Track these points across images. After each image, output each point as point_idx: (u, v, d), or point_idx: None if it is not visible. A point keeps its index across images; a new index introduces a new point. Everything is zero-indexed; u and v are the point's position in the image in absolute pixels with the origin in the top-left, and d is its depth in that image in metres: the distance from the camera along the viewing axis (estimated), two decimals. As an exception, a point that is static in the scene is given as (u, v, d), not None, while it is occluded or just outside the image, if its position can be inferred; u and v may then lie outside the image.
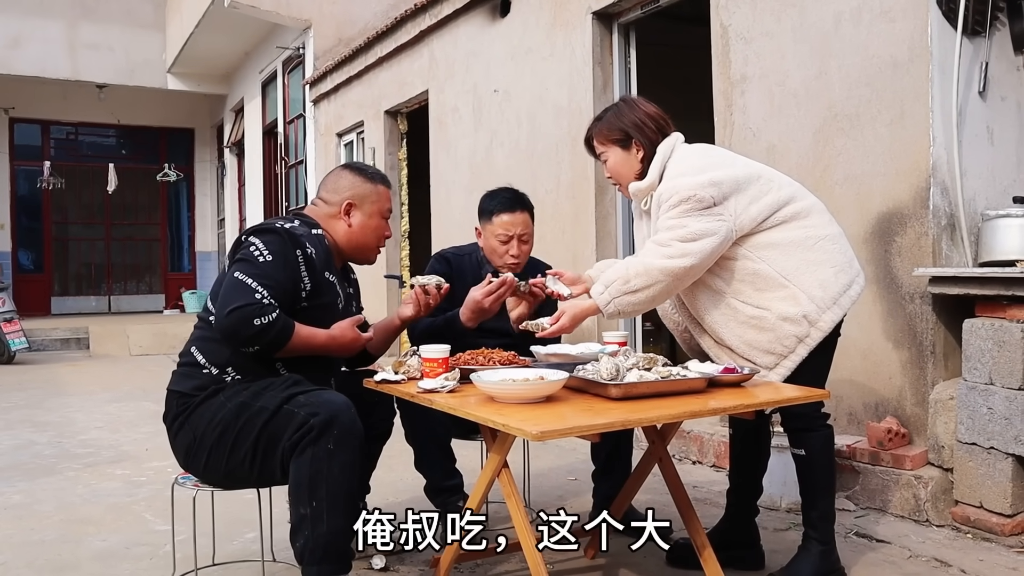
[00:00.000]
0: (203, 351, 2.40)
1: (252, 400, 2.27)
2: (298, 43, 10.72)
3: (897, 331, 3.43)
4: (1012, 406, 2.96)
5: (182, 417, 2.36)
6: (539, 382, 2.13)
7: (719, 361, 2.54)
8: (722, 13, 4.23)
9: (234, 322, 2.24)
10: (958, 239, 3.37)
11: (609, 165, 2.67)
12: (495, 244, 3.09)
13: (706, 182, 2.43)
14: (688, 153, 2.58)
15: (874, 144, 3.50)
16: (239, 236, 2.47)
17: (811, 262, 2.48)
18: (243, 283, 2.29)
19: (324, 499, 2.13)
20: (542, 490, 3.73)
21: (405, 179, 8.55)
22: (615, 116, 2.66)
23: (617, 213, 5.26)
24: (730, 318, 2.51)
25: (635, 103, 2.69)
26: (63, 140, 15.30)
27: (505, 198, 3.13)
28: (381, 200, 2.64)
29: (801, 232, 2.50)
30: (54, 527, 3.41)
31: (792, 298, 2.45)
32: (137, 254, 15.86)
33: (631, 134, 2.61)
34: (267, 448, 2.23)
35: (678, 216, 2.42)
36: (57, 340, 11.40)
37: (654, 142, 2.60)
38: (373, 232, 2.62)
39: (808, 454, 2.54)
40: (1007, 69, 3.57)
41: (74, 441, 5.15)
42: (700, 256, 2.39)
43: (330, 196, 2.62)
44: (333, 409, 2.17)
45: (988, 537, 3.03)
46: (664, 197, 2.48)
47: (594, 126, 2.71)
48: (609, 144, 2.65)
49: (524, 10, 5.94)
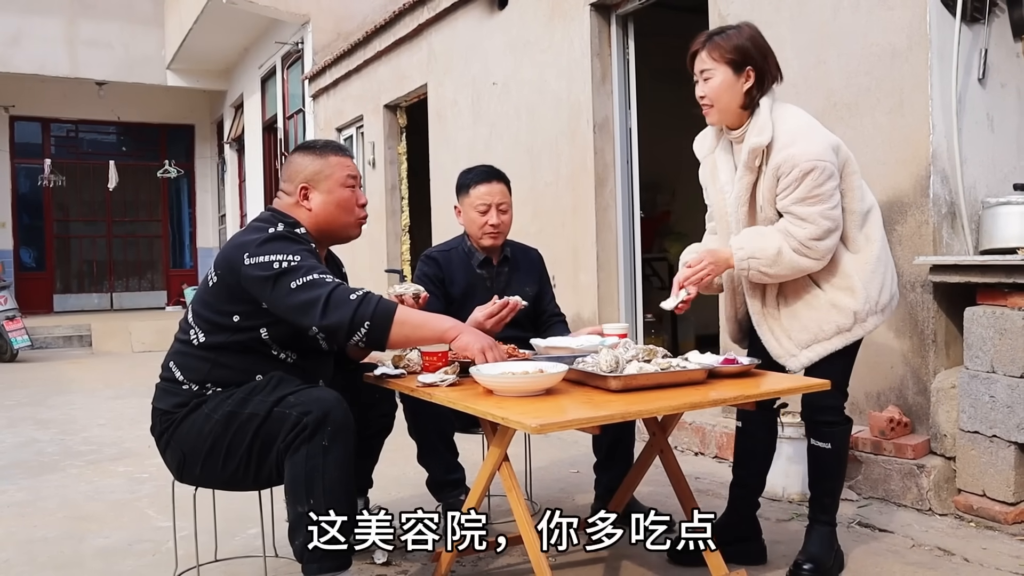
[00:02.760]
0: (181, 367, 2.34)
1: (239, 408, 2.22)
2: (297, 38, 10.71)
3: (898, 320, 3.42)
4: (1014, 394, 2.96)
5: (167, 435, 2.33)
6: (538, 375, 2.13)
7: (759, 329, 2.57)
8: (720, 3, 4.21)
9: (331, 315, 2.16)
10: (959, 227, 3.36)
11: (712, 85, 2.46)
12: (474, 216, 3.09)
13: (826, 145, 2.38)
14: (793, 111, 2.49)
15: (874, 133, 3.49)
16: (229, 259, 2.30)
17: (882, 264, 2.51)
18: (301, 285, 2.19)
19: (321, 496, 2.11)
20: (544, 483, 3.73)
21: (405, 173, 8.54)
22: (737, 34, 2.45)
23: (617, 205, 5.25)
24: (788, 286, 2.52)
25: (756, 30, 2.50)
26: (63, 138, 15.29)
27: (481, 170, 3.17)
28: (336, 170, 2.46)
29: (880, 234, 2.53)
30: (57, 524, 3.42)
31: (851, 291, 2.47)
32: (139, 251, 15.87)
33: (752, 58, 2.43)
34: (262, 452, 2.20)
35: (808, 191, 2.35)
36: (59, 338, 11.42)
37: (772, 78, 2.45)
38: (338, 206, 2.45)
39: (833, 447, 2.56)
40: (1006, 56, 3.55)
41: (77, 438, 5.16)
42: (831, 251, 2.43)
43: (287, 186, 2.47)
44: (325, 406, 2.14)
45: (991, 525, 3.02)
46: (784, 169, 2.38)
47: (706, 40, 2.48)
48: (721, 62, 2.44)
49: (522, 2, 5.92)
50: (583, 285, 5.30)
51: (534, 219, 5.75)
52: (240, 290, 2.27)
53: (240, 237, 2.34)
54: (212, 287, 2.34)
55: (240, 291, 2.28)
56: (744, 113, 2.49)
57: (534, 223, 5.73)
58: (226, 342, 2.31)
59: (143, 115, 15.25)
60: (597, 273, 5.22)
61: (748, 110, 2.48)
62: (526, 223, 5.74)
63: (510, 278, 3.17)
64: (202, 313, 2.35)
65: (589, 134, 5.24)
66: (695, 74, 2.52)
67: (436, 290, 3.06)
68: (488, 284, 3.13)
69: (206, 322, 2.34)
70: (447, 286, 3.10)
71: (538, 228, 5.64)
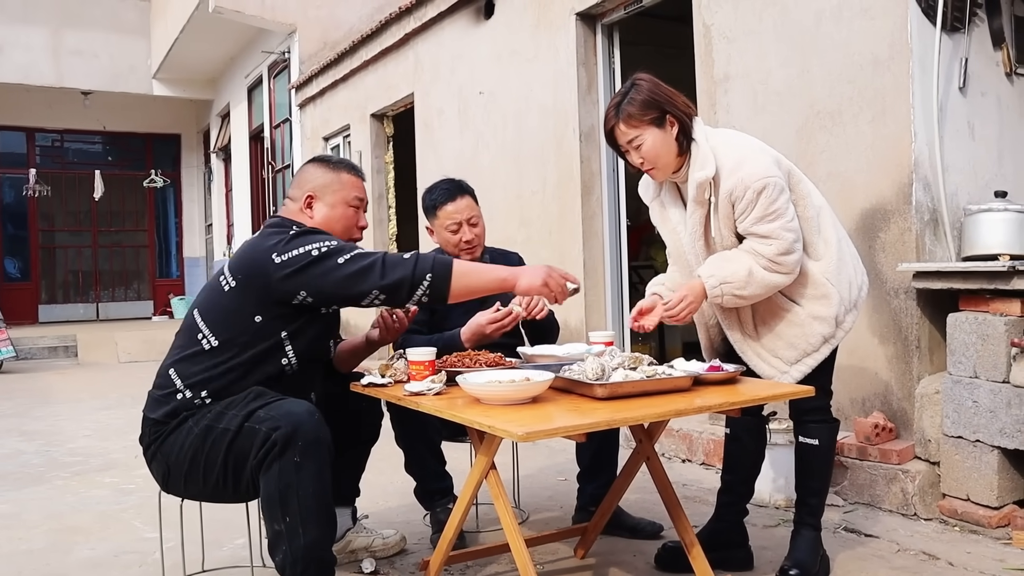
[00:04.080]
0: (181, 373, 2.30)
1: (215, 422, 2.20)
2: (283, 47, 10.71)
3: (882, 326, 3.45)
4: (997, 399, 2.98)
5: (154, 446, 2.31)
6: (525, 383, 2.13)
7: (743, 356, 2.58)
8: (705, 12, 4.24)
9: (393, 273, 2.19)
10: (941, 234, 3.39)
11: (645, 149, 2.46)
12: (447, 236, 3.11)
13: (770, 162, 2.41)
14: (728, 136, 2.52)
15: (856, 141, 3.52)
16: (254, 262, 2.30)
17: (843, 262, 2.53)
18: (349, 258, 2.22)
19: (297, 513, 2.08)
20: (532, 491, 3.73)
21: (392, 182, 8.55)
22: (638, 92, 2.47)
23: (603, 213, 5.27)
24: (763, 308, 2.54)
25: (652, 79, 2.51)
26: (48, 147, 15.23)
27: (444, 189, 3.15)
28: (346, 188, 2.49)
29: (834, 232, 2.54)
30: (42, 536, 3.40)
31: (826, 298, 2.49)
32: (125, 261, 15.80)
33: (665, 109, 2.44)
34: (236, 469, 2.18)
35: (765, 209, 2.37)
36: (45, 348, 11.34)
37: (689, 117, 2.46)
38: (338, 222, 2.47)
39: (820, 444, 2.58)
40: (986, 65, 3.59)
41: (62, 449, 5.13)
42: (799, 263, 2.45)
43: (294, 192, 2.50)
44: (294, 420, 2.10)
45: (975, 529, 3.04)
46: (737, 194, 2.39)
47: (617, 113, 2.47)
48: (644, 125, 2.44)
49: (508, 12, 5.95)
50: (570, 293, 5.31)
51: (521, 227, 5.77)
52: (267, 292, 2.25)
53: (260, 242, 2.32)
54: (230, 291, 2.31)
55: (266, 293, 2.25)
56: (682, 157, 2.50)
57: (521, 231, 5.74)
58: (243, 345, 2.28)
59: (129, 124, 15.21)
60: (583, 281, 5.24)
61: (684, 152, 2.49)
62: (513, 232, 5.76)
63: None
64: (214, 316, 2.32)
65: (575, 143, 5.26)
66: (622, 147, 2.51)
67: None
68: None
69: (219, 324, 2.30)
70: None
71: (525, 236, 5.66)
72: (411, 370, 2.39)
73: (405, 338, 2.95)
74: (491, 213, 5.98)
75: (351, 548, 2.87)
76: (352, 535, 2.88)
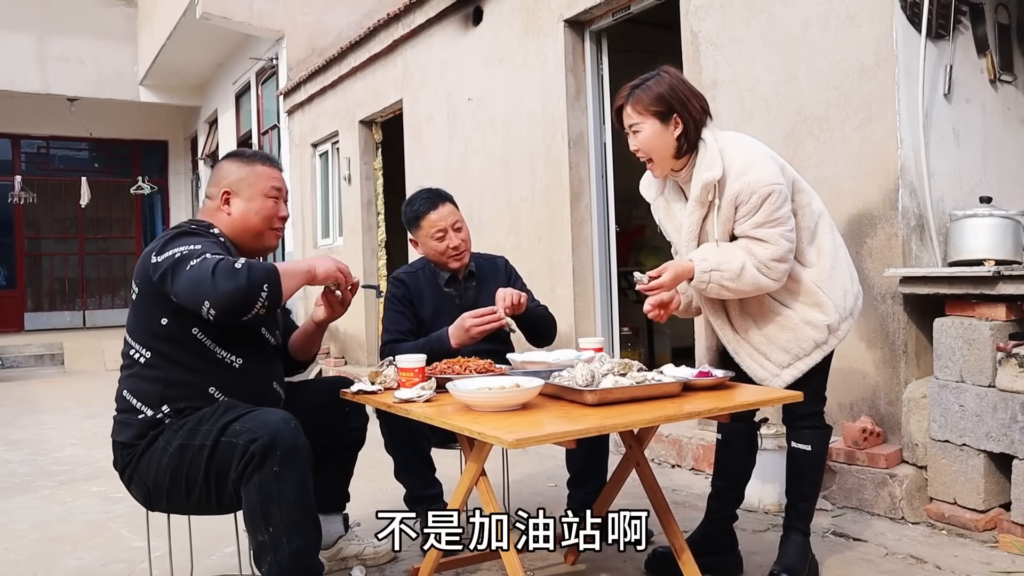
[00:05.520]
0: (135, 392, 2.31)
1: (190, 439, 2.19)
2: (271, 54, 10.69)
3: (870, 331, 3.47)
4: (983, 403, 3.01)
5: (129, 469, 2.31)
6: (515, 390, 2.14)
7: (736, 357, 2.59)
8: (692, 19, 4.27)
9: (224, 284, 2.05)
10: (927, 239, 3.42)
11: (640, 138, 2.46)
12: (434, 244, 3.10)
13: (777, 169, 2.43)
14: (736, 139, 2.52)
15: (843, 147, 3.54)
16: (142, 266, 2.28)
17: (837, 270, 2.54)
18: (195, 264, 2.10)
19: (280, 523, 2.07)
20: (522, 497, 3.73)
21: (381, 188, 8.54)
22: (657, 84, 2.44)
23: (592, 219, 5.28)
24: (755, 311, 2.55)
25: (679, 75, 2.48)
26: (34, 154, 15.13)
27: (424, 198, 3.15)
28: (262, 180, 2.45)
29: (830, 241, 2.56)
30: (29, 546, 3.37)
31: (819, 305, 2.51)
32: (111, 268, 15.70)
33: (675, 107, 2.43)
34: (218, 483, 2.16)
35: (767, 215, 2.38)
36: (31, 356, 11.27)
37: (698, 123, 2.45)
38: (256, 214, 2.43)
39: (813, 450, 2.59)
40: (971, 72, 3.63)
41: (49, 459, 5.09)
42: (787, 273, 2.46)
43: (211, 190, 2.46)
44: (271, 430, 2.08)
45: (962, 533, 3.06)
46: (743, 197, 2.40)
47: (629, 94, 2.47)
48: (647, 115, 2.44)
49: (496, 19, 5.96)
50: (559, 299, 5.32)
51: (510, 234, 5.77)
52: (157, 293, 2.23)
53: (152, 244, 2.32)
54: (135, 300, 2.32)
55: (157, 294, 2.23)
56: (681, 158, 2.50)
57: (510, 238, 5.75)
58: (167, 351, 2.27)
59: (115, 131, 15.13)
60: (573, 287, 5.24)
61: (687, 154, 2.49)
62: (502, 238, 5.76)
63: (478, 292, 3.19)
64: (135, 330, 2.33)
65: (564, 149, 5.27)
66: (625, 128, 2.52)
67: (407, 311, 3.10)
68: (457, 302, 3.14)
69: (140, 336, 2.31)
70: (416, 307, 3.13)
71: (514, 243, 5.66)
72: (401, 377, 2.39)
73: (393, 346, 2.96)
74: (480, 220, 6.00)
75: (341, 556, 2.86)
76: (343, 543, 2.87)
